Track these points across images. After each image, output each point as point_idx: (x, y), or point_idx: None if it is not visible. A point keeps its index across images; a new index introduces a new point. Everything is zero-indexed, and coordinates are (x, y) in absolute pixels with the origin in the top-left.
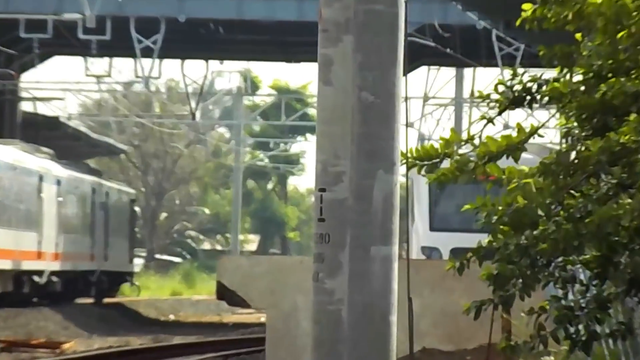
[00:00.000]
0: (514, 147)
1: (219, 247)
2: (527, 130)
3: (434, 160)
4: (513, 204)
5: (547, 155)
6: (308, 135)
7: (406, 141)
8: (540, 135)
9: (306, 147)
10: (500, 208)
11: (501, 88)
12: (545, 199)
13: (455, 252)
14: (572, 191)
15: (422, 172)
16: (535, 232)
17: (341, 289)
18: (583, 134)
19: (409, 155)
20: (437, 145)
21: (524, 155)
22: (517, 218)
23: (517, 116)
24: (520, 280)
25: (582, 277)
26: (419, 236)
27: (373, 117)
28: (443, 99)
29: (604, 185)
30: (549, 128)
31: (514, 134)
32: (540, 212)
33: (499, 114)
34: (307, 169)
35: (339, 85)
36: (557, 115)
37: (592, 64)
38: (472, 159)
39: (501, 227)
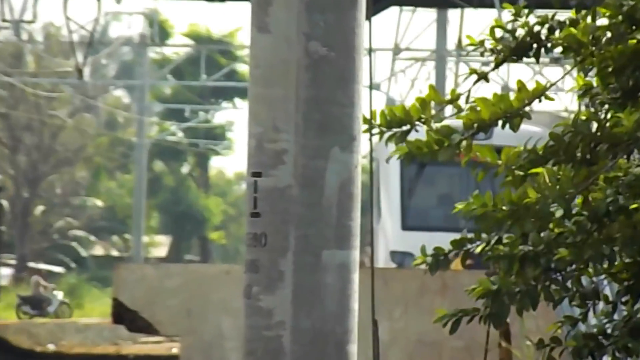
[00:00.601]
0: (514, 113)
1: (115, 253)
2: (532, 89)
3: (406, 127)
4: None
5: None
6: (237, 100)
7: (370, 108)
8: (549, 98)
9: (235, 116)
10: (504, 208)
11: (499, 33)
12: (565, 191)
13: None
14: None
15: (389, 145)
16: (543, 235)
17: (282, 309)
18: (608, 96)
19: (372, 121)
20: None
21: (529, 127)
22: (525, 217)
23: (520, 74)
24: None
25: (607, 291)
26: (387, 237)
27: (325, 77)
28: (420, 51)
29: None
30: (562, 91)
31: (512, 96)
32: (553, 209)
33: (496, 67)
34: (236, 146)
35: (279, 33)
36: (574, 72)
37: (622, 4)
38: (457, 128)
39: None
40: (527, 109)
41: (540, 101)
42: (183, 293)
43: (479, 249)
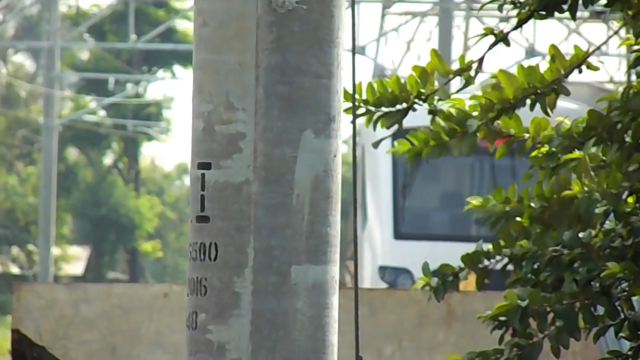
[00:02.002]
0: (547, 88)
1: (15, 270)
2: (569, 57)
3: (400, 106)
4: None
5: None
6: (177, 68)
7: (352, 77)
8: (592, 68)
9: (174, 89)
10: (531, 205)
11: None
12: (616, 184)
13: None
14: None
15: (379, 129)
16: (582, 235)
17: (238, 344)
18: None
19: (357, 97)
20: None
21: (563, 103)
22: (560, 219)
23: (550, 34)
24: (558, 322)
25: None
26: (375, 248)
27: (294, 38)
28: (418, 3)
29: None
30: (606, 56)
31: (543, 66)
32: (600, 208)
33: (519, 25)
34: (176, 129)
35: None
36: (622, 31)
37: None
38: (471, 112)
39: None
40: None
41: (580, 72)
42: (105, 323)
43: (499, 268)
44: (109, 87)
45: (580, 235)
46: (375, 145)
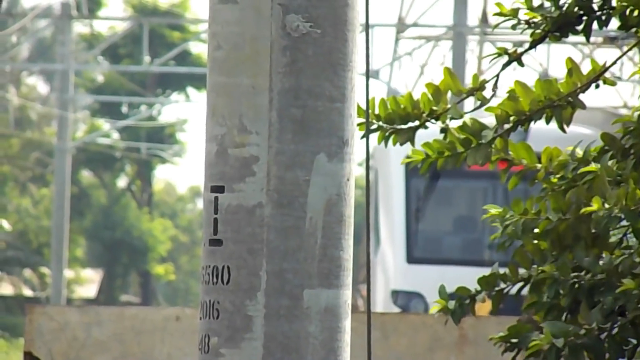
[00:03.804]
0: (563, 101)
1: (28, 292)
2: (588, 72)
3: (413, 124)
4: (570, 209)
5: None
6: (191, 91)
7: (366, 101)
8: (609, 83)
9: (188, 112)
10: (548, 217)
11: (537, 0)
12: (636, 200)
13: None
14: None
15: (394, 152)
16: (602, 262)
17: None
18: None
19: (369, 112)
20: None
21: (576, 128)
22: (577, 232)
23: (563, 57)
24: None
25: None
26: (388, 272)
27: (307, 60)
28: (431, 27)
29: None
30: (620, 80)
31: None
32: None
33: (532, 46)
34: (190, 152)
35: (248, 3)
36: (637, 55)
37: None
38: (486, 124)
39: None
40: (581, 97)
41: (597, 87)
42: (117, 346)
43: (514, 291)
44: (123, 109)
45: (601, 262)
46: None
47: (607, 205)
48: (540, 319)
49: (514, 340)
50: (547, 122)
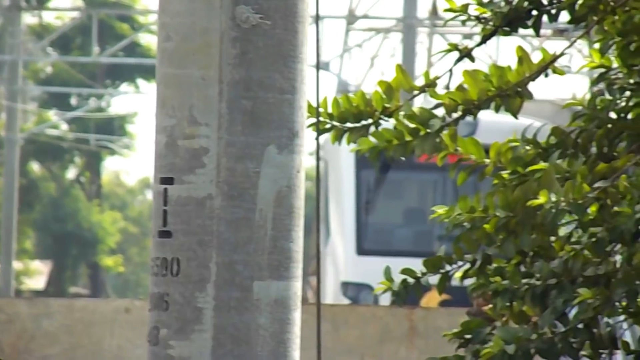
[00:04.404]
0: (512, 91)
1: None
2: (538, 61)
3: (365, 122)
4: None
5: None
6: (141, 82)
7: (316, 93)
8: (558, 72)
9: (137, 104)
10: (497, 214)
11: None
12: (582, 195)
13: None
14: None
15: (344, 143)
16: (554, 265)
17: (199, 359)
18: (631, 80)
19: (321, 112)
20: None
21: (525, 120)
22: (524, 229)
23: (514, 54)
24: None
25: (627, 337)
26: (338, 264)
27: (257, 52)
28: (382, 19)
29: None
30: (569, 72)
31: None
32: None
33: (483, 41)
34: (139, 143)
35: None
36: (585, 50)
37: None
38: (436, 113)
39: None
40: (530, 89)
41: (546, 75)
42: (67, 338)
43: (459, 274)
44: (72, 101)
45: (552, 265)
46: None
47: (553, 199)
48: (492, 311)
49: (468, 336)
50: (497, 110)
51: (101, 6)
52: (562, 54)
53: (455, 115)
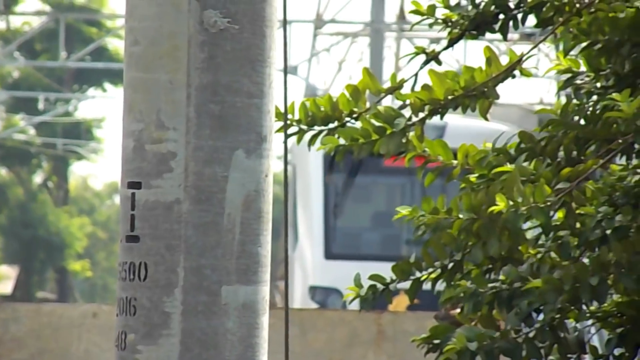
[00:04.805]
0: (478, 91)
1: None
2: (506, 63)
3: (333, 125)
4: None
5: (535, 124)
6: (108, 86)
7: (284, 97)
8: (526, 73)
9: (105, 108)
10: (460, 217)
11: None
12: (543, 199)
13: None
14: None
15: (312, 147)
16: (522, 269)
17: None
18: (597, 84)
19: (289, 116)
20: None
21: (493, 124)
22: (489, 232)
23: (481, 54)
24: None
25: (595, 341)
26: (306, 268)
27: (225, 56)
28: (349, 24)
29: (636, 167)
30: (537, 77)
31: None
32: (529, 223)
33: (449, 45)
34: (107, 148)
35: None
36: (552, 53)
37: None
38: (403, 112)
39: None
40: (498, 92)
41: (513, 77)
42: (34, 342)
43: (430, 280)
44: (39, 105)
45: (520, 269)
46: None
47: (511, 203)
48: (460, 316)
49: (436, 342)
50: (464, 111)
51: (68, 10)
52: (529, 55)
53: (421, 114)
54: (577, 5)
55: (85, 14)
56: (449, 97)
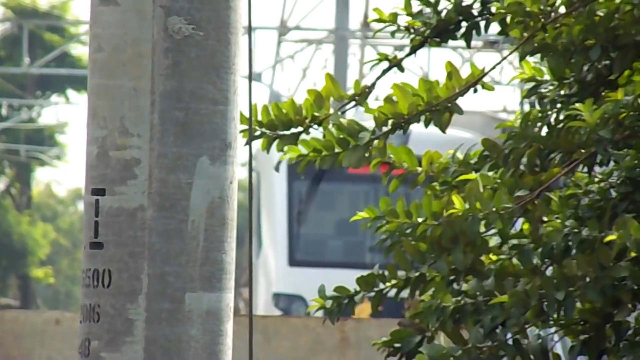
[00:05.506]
0: (442, 106)
1: None
2: (467, 76)
3: (296, 130)
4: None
5: (499, 131)
6: (71, 93)
7: (249, 103)
8: (487, 87)
9: (68, 114)
10: (419, 221)
11: (417, 6)
12: (502, 205)
13: None
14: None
15: (274, 152)
16: (486, 283)
17: None
18: (562, 92)
19: (253, 121)
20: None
21: (456, 132)
22: (449, 239)
23: (444, 62)
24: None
25: (558, 349)
26: (269, 275)
27: (190, 63)
28: (313, 31)
29: (601, 181)
30: (500, 84)
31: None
32: (485, 229)
33: (412, 52)
34: (70, 154)
35: (129, 5)
36: (516, 61)
37: None
38: (365, 124)
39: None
40: (460, 101)
41: (475, 91)
42: None
43: (393, 292)
44: (2, 111)
45: (484, 283)
46: (277, 168)
47: (468, 206)
48: (424, 325)
49: (397, 345)
50: (426, 125)
51: (32, 17)
52: (492, 69)
53: (385, 129)
54: (542, 20)
55: (48, 20)
56: (413, 112)
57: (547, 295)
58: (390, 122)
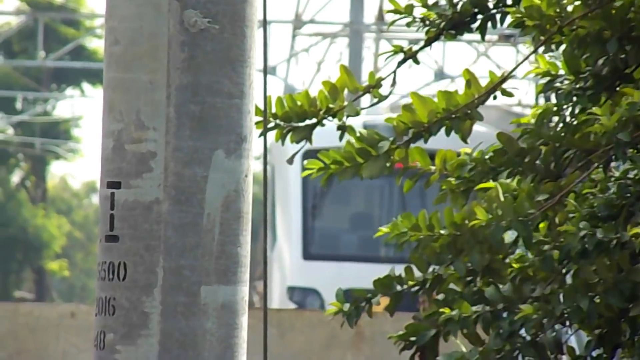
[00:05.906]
0: (461, 113)
1: None
2: (486, 84)
3: (310, 121)
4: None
5: (514, 125)
6: (87, 86)
7: (264, 97)
8: (507, 94)
9: (84, 108)
10: (442, 233)
11: None
12: (524, 212)
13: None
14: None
15: (291, 147)
16: (504, 289)
17: None
18: (577, 85)
19: (267, 113)
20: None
21: (474, 128)
22: (471, 246)
23: (459, 55)
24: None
25: (572, 343)
26: (284, 269)
27: (206, 56)
28: (328, 24)
29: (618, 182)
30: (516, 78)
31: (459, 89)
32: (509, 236)
33: (427, 44)
34: (86, 147)
35: None
36: (531, 56)
37: None
38: (384, 134)
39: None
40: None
41: (495, 98)
42: (12, 342)
43: (413, 291)
44: (17, 105)
45: (502, 288)
46: (290, 161)
47: (490, 216)
48: (442, 323)
49: (412, 339)
50: (447, 134)
51: (47, 10)
52: (510, 76)
53: (405, 138)
54: (559, 22)
55: (64, 14)
56: (433, 120)
57: (568, 301)
58: (410, 131)
